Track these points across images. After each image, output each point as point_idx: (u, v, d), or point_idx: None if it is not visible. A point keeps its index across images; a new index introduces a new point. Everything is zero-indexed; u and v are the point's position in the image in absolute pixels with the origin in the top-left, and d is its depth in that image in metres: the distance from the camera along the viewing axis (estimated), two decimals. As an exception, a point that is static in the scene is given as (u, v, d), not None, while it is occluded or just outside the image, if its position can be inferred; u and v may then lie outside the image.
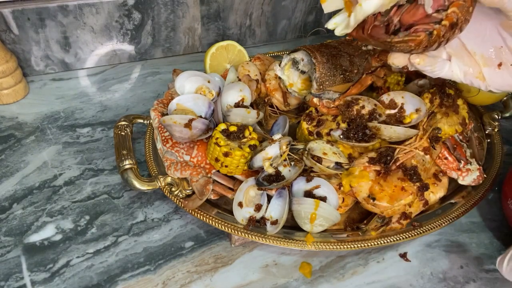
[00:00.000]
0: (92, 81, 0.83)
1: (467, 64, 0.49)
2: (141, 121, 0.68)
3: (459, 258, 0.58)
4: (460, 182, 0.62)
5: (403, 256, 0.58)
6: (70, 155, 0.67)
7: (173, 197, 0.57)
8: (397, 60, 0.49)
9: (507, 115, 0.78)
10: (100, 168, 0.66)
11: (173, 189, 0.58)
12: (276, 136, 0.58)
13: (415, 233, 0.56)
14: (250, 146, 0.56)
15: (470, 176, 0.62)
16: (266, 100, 0.70)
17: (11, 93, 0.75)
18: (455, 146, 0.63)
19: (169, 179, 0.58)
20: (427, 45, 0.45)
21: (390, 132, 0.58)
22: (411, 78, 0.74)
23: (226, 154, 0.55)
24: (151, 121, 0.66)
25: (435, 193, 0.61)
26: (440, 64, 0.49)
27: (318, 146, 0.58)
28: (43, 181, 0.63)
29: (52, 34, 0.78)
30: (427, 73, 0.50)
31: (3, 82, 0.73)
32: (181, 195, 0.58)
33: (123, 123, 0.65)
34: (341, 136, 0.60)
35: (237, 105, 0.63)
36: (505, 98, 0.79)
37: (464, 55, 0.49)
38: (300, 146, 0.59)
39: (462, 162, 0.62)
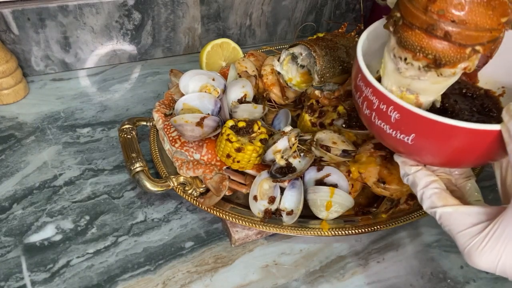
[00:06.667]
0: (92, 81, 0.83)
1: None
2: (144, 123, 0.67)
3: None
4: None
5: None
6: (70, 155, 0.67)
7: (187, 196, 0.57)
8: None
9: None
10: (100, 168, 0.66)
11: (186, 188, 0.58)
12: (287, 129, 0.58)
13: (423, 212, 0.57)
14: (261, 140, 0.56)
15: None
16: (265, 95, 0.71)
17: (11, 93, 0.75)
18: None
19: (181, 179, 0.58)
20: None
21: None
22: None
23: (238, 150, 0.55)
24: (153, 122, 0.66)
25: None
26: None
27: (326, 136, 0.59)
28: (43, 181, 0.63)
29: (52, 34, 0.78)
30: None
31: (3, 82, 0.73)
32: (195, 194, 0.58)
33: (128, 126, 0.65)
34: (344, 125, 0.62)
35: (240, 101, 0.64)
36: None
37: None
38: (307, 136, 0.60)
39: None
